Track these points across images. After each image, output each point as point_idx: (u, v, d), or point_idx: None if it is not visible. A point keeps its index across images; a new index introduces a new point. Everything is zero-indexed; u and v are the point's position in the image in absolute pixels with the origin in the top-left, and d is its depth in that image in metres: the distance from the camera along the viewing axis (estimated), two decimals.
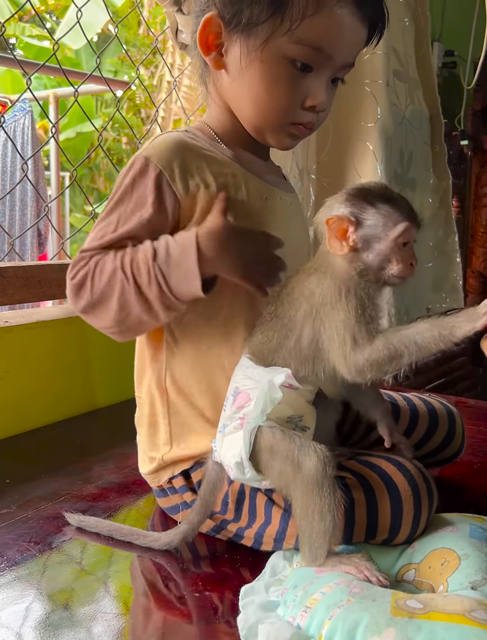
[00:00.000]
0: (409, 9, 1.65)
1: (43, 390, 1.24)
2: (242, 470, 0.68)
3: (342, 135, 1.53)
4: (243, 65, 0.75)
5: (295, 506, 0.67)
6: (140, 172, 0.74)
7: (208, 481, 0.74)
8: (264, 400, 0.66)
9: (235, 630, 0.60)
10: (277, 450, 0.67)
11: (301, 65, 0.74)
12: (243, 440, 0.67)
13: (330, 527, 0.65)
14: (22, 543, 0.78)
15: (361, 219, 0.66)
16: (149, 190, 0.73)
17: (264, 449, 0.68)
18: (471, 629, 0.51)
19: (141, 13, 2.25)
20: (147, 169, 0.73)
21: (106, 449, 1.12)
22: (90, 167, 7.06)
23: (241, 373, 0.71)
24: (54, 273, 1.25)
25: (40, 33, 6.41)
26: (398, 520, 0.69)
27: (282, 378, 0.66)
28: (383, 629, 0.52)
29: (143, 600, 0.69)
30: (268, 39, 0.73)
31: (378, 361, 0.64)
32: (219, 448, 0.71)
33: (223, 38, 0.76)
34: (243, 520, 0.75)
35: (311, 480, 0.64)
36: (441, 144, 1.80)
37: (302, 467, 0.65)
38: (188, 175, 0.74)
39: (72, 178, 1.59)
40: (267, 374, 0.68)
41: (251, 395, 0.68)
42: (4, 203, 3.20)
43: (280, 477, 0.68)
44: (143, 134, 3.37)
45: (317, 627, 0.56)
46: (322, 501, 0.64)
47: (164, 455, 0.80)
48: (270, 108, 0.77)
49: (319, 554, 0.65)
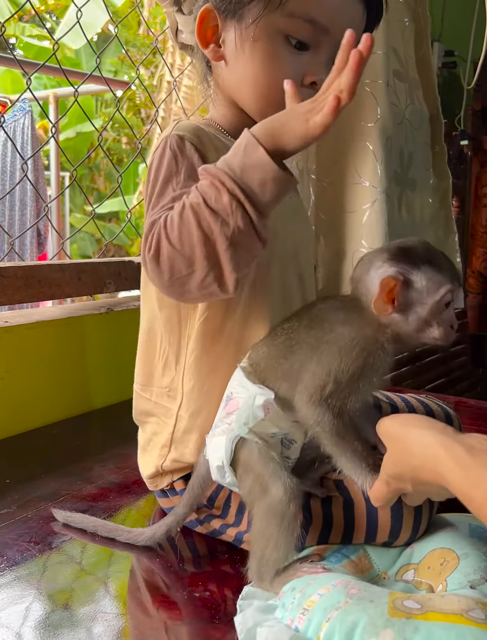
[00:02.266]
0: (409, 9, 1.65)
1: (43, 390, 1.24)
2: (222, 474, 0.68)
3: (342, 135, 1.53)
4: (238, 47, 0.74)
5: (253, 526, 0.67)
6: (179, 148, 0.71)
7: (198, 475, 0.74)
8: (247, 415, 0.66)
9: (235, 631, 0.60)
10: (251, 468, 0.67)
11: (297, 42, 0.73)
12: (225, 446, 0.67)
13: (281, 558, 0.64)
14: (22, 543, 0.78)
15: (408, 280, 0.63)
16: (195, 160, 0.70)
17: (242, 461, 0.67)
18: (469, 628, 0.51)
19: (141, 13, 2.25)
20: (184, 145, 0.71)
21: (106, 449, 1.12)
22: (90, 167, 7.06)
23: (238, 379, 0.70)
24: (54, 273, 1.25)
25: (40, 33, 6.41)
26: (398, 524, 0.69)
27: (261, 400, 0.66)
28: (381, 630, 0.52)
29: (143, 601, 0.69)
30: (259, 16, 0.72)
31: (315, 423, 0.64)
32: (208, 445, 0.71)
33: (220, 29, 0.76)
34: (243, 525, 0.75)
35: (273, 510, 0.64)
36: (441, 144, 1.80)
37: (268, 494, 0.65)
38: (212, 157, 0.72)
39: (72, 178, 1.59)
40: (254, 390, 0.67)
41: (240, 404, 0.68)
42: (4, 203, 3.20)
43: (249, 493, 0.68)
44: (143, 134, 3.37)
45: (315, 629, 0.56)
46: (279, 533, 0.64)
47: (163, 464, 0.80)
48: (268, 87, 0.74)
49: (266, 577, 0.65)
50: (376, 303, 0.64)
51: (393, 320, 0.65)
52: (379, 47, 1.49)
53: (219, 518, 0.77)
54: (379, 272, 0.64)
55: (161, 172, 0.71)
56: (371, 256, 0.66)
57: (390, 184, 1.53)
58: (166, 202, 0.67)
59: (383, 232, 1.50)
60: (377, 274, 0.64)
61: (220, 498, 0.76)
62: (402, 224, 1.63)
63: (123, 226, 1.83)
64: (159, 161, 0.72)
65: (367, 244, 1.51)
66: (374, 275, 0.64)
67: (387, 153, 1.51)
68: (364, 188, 1.51)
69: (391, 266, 0.63)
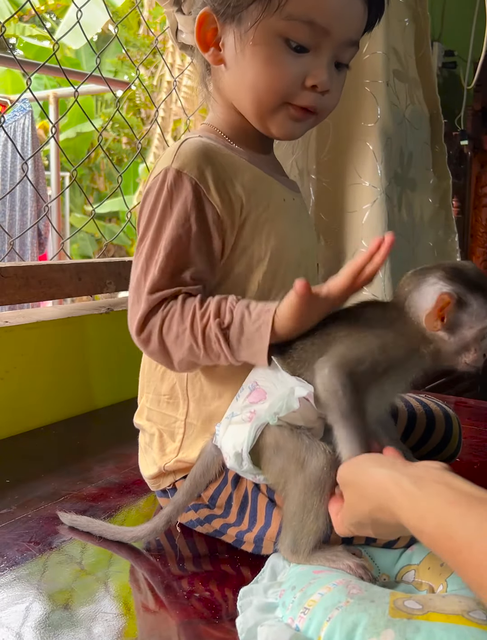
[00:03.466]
0: (409, 9, 1.65)
1: (43, 391, 1.24)
2: (240, 462, 0.68)
3: (342, 135, 1.53)
4: (238, 51, 0.74)
5: (290, 503, 0.67)
6: (175, 186, 0.70)
7: (202, 463, 0.74)
8: (280, 405, 0.66)
9: (235, 631, 0.60)
10: (283, 447, 0.67)
11: (297, 45, 0.72)
12: (248, 433, 0.67)
13: (322, 528, 0.65)
14: (22, 543, 0.78)
15: (462, 301, 0.64)
16: (189, 206, 0.70)
17: (268, 445, 0.68)
18: (469, 629, 0.51)
19: (141, 13, 2.25)
20: (181, 182, 0.70)
21: (106, 449, 1.12)
22: (90, 167, 7.06)
23: (263, 371, 0.70)
24: (54, 273, 1.25)
25: (40, 33, 6.40)
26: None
27: (303, 392, 0.66)
28: (382, 630, 0.52)
29: (143, 601, 0.69)
30: (258, 20, 0.71)
31: (329, 389, 0.64)
32: (221, 434, 0.71)
33: (219, 33, 0.75)
34: (244, 524, 0.75)
35: (314, 480, 0.65)
36: (441, 144, 1.80)
37: (307, 466, 0.65)
38: (221, 183, 0.72)
39: (72, 178, 1.59)
40: (292, 382, 0.67)
41: (268, 395, 0.68)
42: (4, 203, 3.20)
43: (281, 473, 0.68)
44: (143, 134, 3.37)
45: (316, 629, 0.56)
46: (320, 502, 0.65)
47: (166, 465, 0.79)
48: (265, 91, 0.74)
49: (302, 550, 0.66)
50: (428, 317, 0.64)
51: (436, 337, 0.66)
52: (379, 47, 1.49)
53: (220, 518, 0.77)
54: (434, 287, 0.65)
55: (156, 213, 0.72)
56: (424, 272, 0.67)
57: (390, 184, 1.53)
58: (156, 280, 0.70)
59: (383, 232, 1.50)
60: (432, 290, 0.65)
61: (222, 497, 0.76)
62: (402, 224, 1.63)
63: (123, 226, 1.83)
64: (155, 197, 0.72)
65: (367, 244, 1.51)
66: (428, 290, 0.65)
67: (387, 153, 1.51)
68: (364, 188, 1.51)
69: (447, 284, 0.64)
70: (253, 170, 0.77)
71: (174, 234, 0.70)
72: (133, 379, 0.85)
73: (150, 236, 0.72)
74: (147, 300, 0.70)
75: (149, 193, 0.73)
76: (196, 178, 0.71)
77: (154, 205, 0.72)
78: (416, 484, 0.52)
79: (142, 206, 0.74)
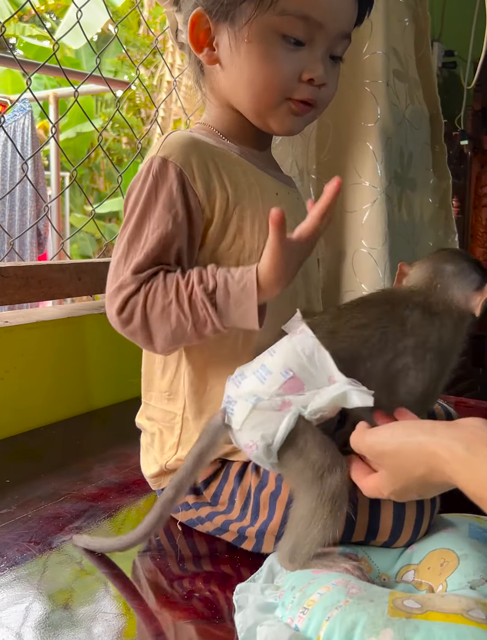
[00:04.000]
0: (409, 9, 1.65)
1: (43, 390, 1.24)
2: (268, 454, 0.66)
3: (342, 135, 1.53)
4: (233, 50, 0.74)
5: (300, 507, 0.66)
6: (160, 173, 0.71)
7: (209, 438, 0.70)
8: (328, 404, 0.64)
9: (235, 631, 0.60)
10: (307, 453, 0.65)
11: (292, 40, 0.72)
12: (284, 426, 0.64)
13: (327, 539, 0.64)
14: (22, 543, 0.78)
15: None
16: (175, 192, 0.71)
17: (294, 445, 0.66)
18: (469, 628, 0.51)
19: (141, 13, 2.25)
20: (166, 170, 0.71)
21: (106, 449, 1.12)
22: (90, 167, 7.06)
23: (301, 357, 0.65)
24: (54, 273, 1.25)
25: (40, 33, 6.40)
26: (400, 523, 0.69)
27: (359, 402, 0.62)
28: (381, 630, 0.52)
29: (143, 601, 0.69)
30: (252, 17, 0.72)
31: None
32: (239, 415, 0.66)
33: (213, 33, 0.75)
34: (246, 520, 0.75)
35: (329, 492, 0.64)
36: (441, 144, 1.80)
37: (325, 480, 0.64)
38: (206, 174, 0.73)
39: (72, 178, 1.59)
40: (345, 382, 0.64)
41: (306, 387, 0.65)
42: (4, 203, 3.20)
43: (297, 475, 0.66)
44: (143, 134, 3.37)
45: (315, 628, 0.56)
46: (329, 515, 0.64)
47: (167, 463, 0.79)
48: (263, 87, 0.74)
49: (300, 559, 0.65)
50: (478, 305, 0.71)
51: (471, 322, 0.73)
52: (379, 47, 1.49)
53: (223, 514, 0.77)
54: (472, 278, 0.72)
55: (141, 199, 0.72)
56: (449, 262, 0.73)
57: (390, 184, 1.53)
58: (140, 261, 0.70)
59: (383, 232, 1.50)
60: (472, 281, 0.72)
61: (225, 493, 0.76)
62: (402, 224, 1.63)
63: None
64: (141, 185, 0.72)
65: (367, 244, 1.51)
66: (469, 281, 0.72)
67: (387, 153, 1.51)
68: (364, 188, 1.51)
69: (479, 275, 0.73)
70: (243, 164, 0.78)
71: (160, 219, 0.71)
72: (133, 378, 0.85)
73: (134, 221, 0.72)
74: (129, 279, 0.69)
75: (136, 181, 0.73)
76: (181, 166, 0.71)
77: (139, 192, 0.72)
78: (468, 449, 0.52)
79: (129, 194, 0.74)
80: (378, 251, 1.50)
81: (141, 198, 0.72)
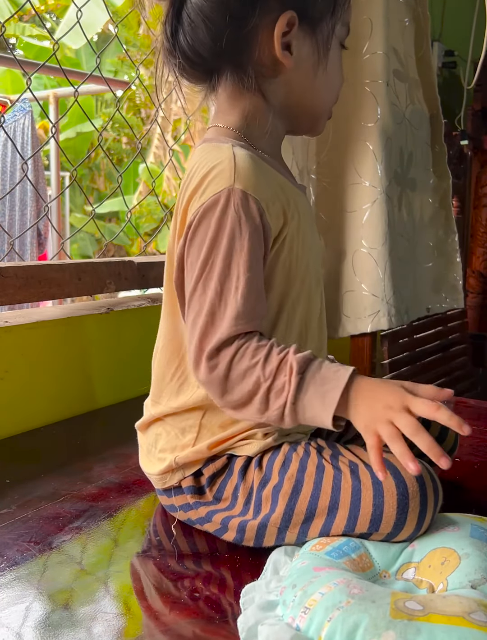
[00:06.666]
0: (409, 9, 1.65)
1: (43, 390, 1.24)
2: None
3: (342, 135, 1.53)
4: (313, 56, 0.78)
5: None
6: (243, 209, 0.68)
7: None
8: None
9: (236, 631, 0.60)
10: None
11: (344, 47, 0.81)
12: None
13: None
14: (22, 543, 0.78)
15: None
16: (259, 229, 0.69)
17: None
18: (470, 631, 0.51)
19: (141, 13, 2.24)
20: (247, 204, 0.68)
21: (106, 449, 1.12)
22: (90, 167, 7.07)
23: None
24: (54, 273, 1.25)
25: (40, 33, 6.41)
26: (403, 515, 0.68)
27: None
28: (382, 632, 0.52)
29: (143, 600, 0.69)
30: (333, 26, 0.78)
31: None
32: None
33: (291, 37, 0.75)
34: (249, 514, 0.75)
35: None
36: (441, 144, 1.80)
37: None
38: (270, 201, 0.71)
39: (72, 178, 1.59)
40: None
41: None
42: (4, 203, 3.20)
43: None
44: (143, 134, 3.37)
45: (317, 629, 0.56)
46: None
47: (177, 458, 0.78)
48: (333, 91, 0.82)
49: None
50: None
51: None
52: (379, 47, 1.49)
53: (224, 511, 0.76)
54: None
55: (223, 234, 0.68)
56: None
57: (390, 184, 1.53)
58: (239, 307, 0.67)
59: (383, 232, 1.50)
60: None
61: (228, 489, 0.76)
62: (402, 224, 1.63)
63: (123, 226, 1.83)
64: (218, 218, 0.68)
65: (367, 244, 1.51)
66: None
67: (387, 153, 1.51)
68: (364, 188, 1.51)
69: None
70: (278, 178, 0.77)
71: (251, 259, 0.68)
72: (133, 379, 0.85)
73: (221, 259, 0.68)
74: (228, 327, 0.67)
75: (209, 213, 0.69)
76: (260, 199, 0.69)
77: (220, 227, 0.68)
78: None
79: (199, 225, 0.70)
80: (378, 251, 1.50)
81: (223, 234, 0.68)
